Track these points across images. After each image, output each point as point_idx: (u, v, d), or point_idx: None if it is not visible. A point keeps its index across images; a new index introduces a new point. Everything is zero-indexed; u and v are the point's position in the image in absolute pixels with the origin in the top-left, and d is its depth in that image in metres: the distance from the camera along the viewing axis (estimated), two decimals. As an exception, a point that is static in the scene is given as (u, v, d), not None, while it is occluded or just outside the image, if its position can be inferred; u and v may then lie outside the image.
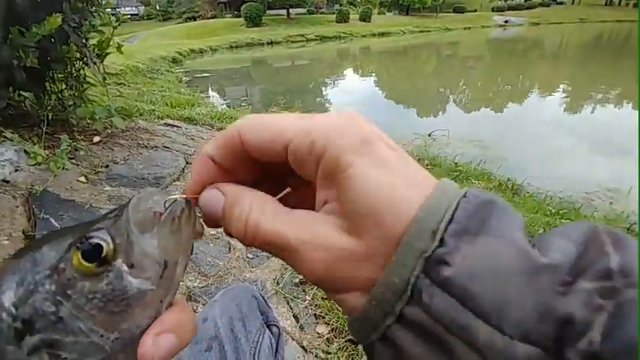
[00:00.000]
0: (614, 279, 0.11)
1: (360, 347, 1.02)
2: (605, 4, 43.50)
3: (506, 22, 30.51)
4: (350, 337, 1.05)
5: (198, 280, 1.16)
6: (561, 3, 41.87)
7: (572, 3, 44.87)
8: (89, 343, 0.15)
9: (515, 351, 0.11)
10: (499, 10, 37.49)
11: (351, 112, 0.16)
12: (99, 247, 0.16)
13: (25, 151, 1.30)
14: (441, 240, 0.13)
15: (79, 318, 0.15)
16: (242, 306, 0.63)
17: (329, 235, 0.15)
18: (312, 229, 0.15)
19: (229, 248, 1.36)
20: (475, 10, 39.13)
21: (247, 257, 1.35)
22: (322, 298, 1.20)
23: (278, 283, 1.25)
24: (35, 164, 1.28)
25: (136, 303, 0.16)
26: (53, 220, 1.09)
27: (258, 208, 0.16)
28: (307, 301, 1.19)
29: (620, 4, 43.56)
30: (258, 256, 1.37)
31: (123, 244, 0.16)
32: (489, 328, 0.11)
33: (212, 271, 1.21)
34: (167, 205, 0.17)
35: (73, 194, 1.25)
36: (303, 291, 1.24)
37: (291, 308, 1.16)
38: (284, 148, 0.16)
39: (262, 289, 1.21)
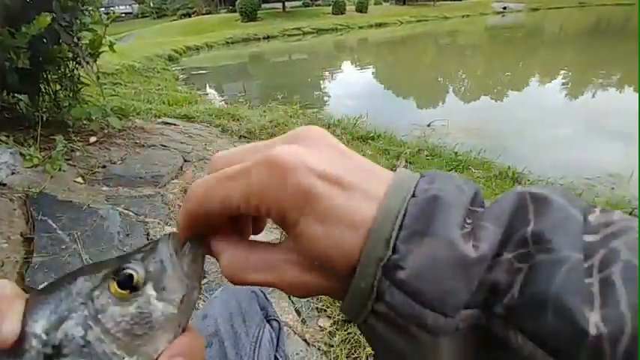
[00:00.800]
0: (528, 246, 0.14)
1: (362, 340, 1.02)
2: (605, -13, 42.80)
3: (504, 8, 30.10)
4: (352, 329, 1.05)
5: (199, 278, 1.16)
6: (560, -13, 41.20)
7: (572, -13, 44.18)
8: None
9: (454, 322, 0.14)
10: (497, -4, 36.94)
11: (288, 153, 0.17)
12: (131, 276, 0.18)
13: (20, 153, 1.29)
14: (394, 247, 0.15)
15: (104, 342, 0.17)
16: (241, 302, 0.63)
17: (295, 276, 0.18)
18: (280, 274, 0.18)
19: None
20: (473, -2, 38.58)
21: (248, 253, 1.35)
22: (324, 292, 1.20)
23: (279, 278, 1.25)
24: (31, 166, 1.28)
25: (159, 326, 0.18)
26: (51, 222, 1.09)
27: (231, 266, 0.19)
28: (309, 295, 1.19)
29: (620, -14, 42.86)
30: (258, 251, 1.37)
31: (153, 271, 0.18)
32: (435, 314, 0.14)
33: (213, 268, 1.21)
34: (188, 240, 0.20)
35: (70, 195, 1.25)
36: (305, 285, 1.24)
37: (292, 302, 1.16)
38: (238, 210, 0.18)
39: (263, 285, 1.21)
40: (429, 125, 3.58)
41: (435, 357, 0.15)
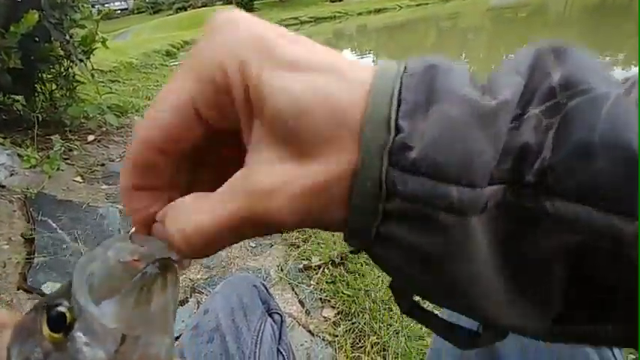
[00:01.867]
0: (557, 95, 0.12)
1: (366, 329, 1.02)
2: (612, -39, 41.45)
3: (506, -12, 29.30)
4: (356, 319, 1.05)
5: (201, 273, 1.16)
6: (564, -37, 39.97)
7: (576, -38, 42.84)
8: None
9: (482, 195, 0.11)
10: (499, -24, 35.96)
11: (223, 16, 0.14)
12: (62, 315, 0.14)
13: (18, 154, 1.29)
14: (397, 127, 0.12)
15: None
16: (243, 296, 0.63)
17: (272, 177, 0.13)
18: (250, 186, 0.13)
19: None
20: (474, -22, 37.58)
21: (250, 246, 1.34)
22: (327, 282, 1.20)
23: (282, 270, 1.25)
24: (29, 167, 1.28)
25: None
26: (51, 222, 1.09)
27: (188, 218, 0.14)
28: (312, 286, 1.19)
29: (627, -41, 41.48)
30: (260, 244, 1.36)
31: (79, 311, 0.14)
32: (460, 188, 0.11)
33: (215, 262, 1.21)
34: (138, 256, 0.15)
35: (69, 195, 1.25)
36: (308, 276, 1.23)
37: (296, 294, 1.16)
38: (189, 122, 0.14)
39: (266, 277, 1.21)
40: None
41: (467, 249, 0.12)
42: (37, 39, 1.50)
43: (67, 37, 1.57)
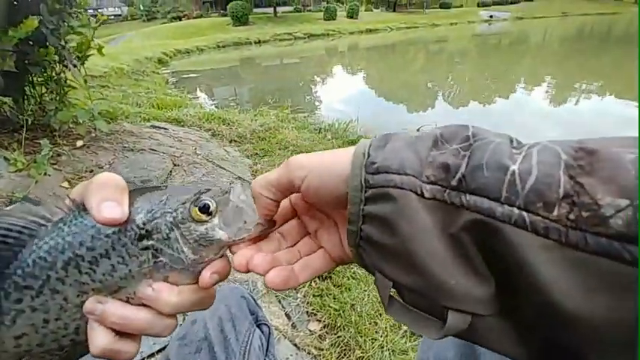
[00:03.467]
0: (469, 140, 0.22)
1: (352, 343, 1.02)
2: (587, -2, 44.42)
3: (491, 17, 30.91)
4: (341, 333, 1.06)
5: (188, 283, 1.15)
6: (544, -3, 42.55)
7: (555, -3, 45.69)
8: (177, 257, 0.25)
9: (413, 181, 0.21)
10: (484, 5, 37.96)
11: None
12: (208, 205, 0.26)
13: (5, 158, 1.26)
14: (368, 154, 0.23)
15: (179, 242, 0.25)
16: (231, 306, 0.63)
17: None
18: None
19: (219, 249, 1.35)
20: (461, 6, 39.55)
21: (238, 258, 1.34)
22: (314, 295, 1.20)
23: (269, 283, 1.25)
24: (16, 171, 1.25)
25: (216, 245, 0.26)
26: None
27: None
28: (299, 299, 1.19)
29: (600, -3, 44.55)
30: (248, 256, 1.36)
31: (223, 210, 0.26)
32: (400, 176, 0.21)
33: (202, 273, 1.20)
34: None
35: (56, 200, 1.22)
36: (295, 289, 1.24)
37: (282, 307, 1.16)
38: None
39: (253, 289, 1.21)
40: (418, 130, 3.63)
41: (408, 214, 0.21)
42: (31, 43, 1.49)
43: (63, 43, 1.58)
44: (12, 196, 1.17)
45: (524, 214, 0.18)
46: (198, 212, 0.25)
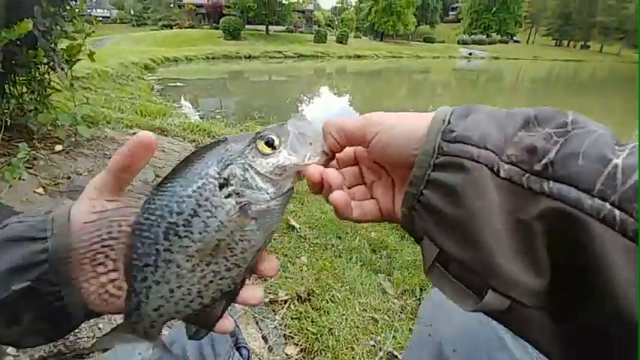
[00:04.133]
0: (567, 126, 0.21)
1: (328, 368, 1.02)
2: (555, 45, 48.63)
3: (470, 54, 33.05)
4: (318, 358, 1.05)
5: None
6: (517, 41, 46.21)
7: (527, 42, 49.70)
8: (259, 194, 0.27)
9: (492, 157, 0.21)
10: (464, 43, 40.63)
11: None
12: (272, 139, 0.28)
13: (-24, 158, 1.20)
14: (449, 122, 0.23)
15: (255, 179, 0.27)
16: None
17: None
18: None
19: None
20: (443, 42, 42.11)
21: (216, 276, 1.31)
22: (292, 318, 1.19)
23: (247, 303, 1.23)
24: (-13, 173, 1.19)
25: (289, 171, 0.28)
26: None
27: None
28: (277, 321, 1.18)
29: (568, 45, 48.91)
30: (227, 274, 1.34)
31: (286, 140, 0.29)
32: (480, 149, 0.21)
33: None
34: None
35: (28, 207, 1.17)
36: (273, 311, 1.22)
37: (260, 329, 1.15)
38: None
39: (231, 310, 1.18)
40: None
41: (481, 188, 0.21)
42: (19, 43, 1.46)
43: (53, 46, 1.55)
44: (-19, 200, 1.10)
45: (616, 211, 0.17)
46: (265, 146, 0.28)
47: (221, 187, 0.27)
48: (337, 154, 0.32)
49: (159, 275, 0.27)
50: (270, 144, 0.28)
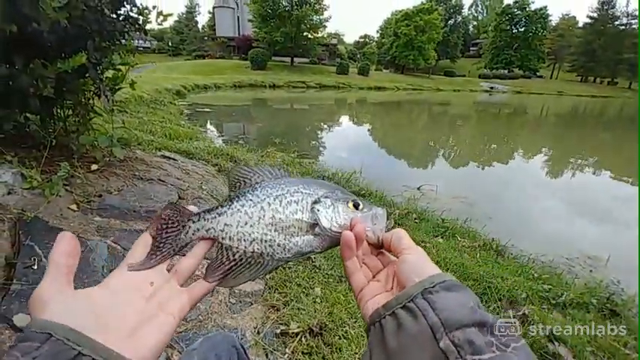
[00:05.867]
0: (509, 347, 0.28)
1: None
2: (581, 81, 48.01)
3: (492, 88, 33.14)
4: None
5: (177, 324, 1.12)
6: (541, 77, 46.04)
7: (551, 77, 49.37)
8: (327, 221, 0.41)
9: (445, 335, 0.28)
10: (485, 77, 40.89)
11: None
12: (359, 204, 0.42)
13: (22, 174, 1.30)
14: (433, 285, 0.32)
15: (333, 211, 0.41)
16: (221, 357, 0.62)
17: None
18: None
19: (212, 291, 1.32)
20: (464, 75, 42.59)
21: (230, 302, 1.31)
22: (303, 353, 1.16)
23: (259, 333, 1.21)
24: (29, 188, 1.28)
25: (345, 226, 0.41)
26: (38, 248, 1.07)
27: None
28: (287, 355, 1.14)
29: (595, 81, 48.17)
30: (241, 301, 1.33)
31: (365, 211, 0.42)
32: (435, 318, 0.29)
33: (192, 314, 1.17)
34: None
35: (62, 222, 1.24)
36: (284, 343, 1.20)
37: (269, 361, 1.12)
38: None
39: (242, 338, 1.17)
40: (418, 189, 3.72)
41: (420, 340, 0.29)
42: (70, 71, 1.62)
43: (101, 76, 1.71)
44: (22, 213, 1.18)
45: None
46: (352, 205, 0.42)
47: (315, 202, 0.41)
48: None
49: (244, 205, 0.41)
50: (356, 205, 0.42)
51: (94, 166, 1.74)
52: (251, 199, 0.41)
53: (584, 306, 1.71)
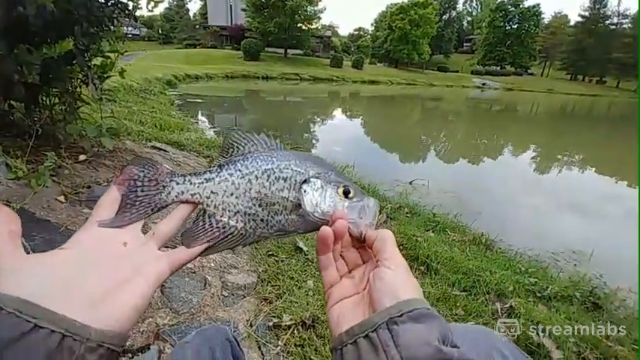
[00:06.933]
0: None
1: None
2: (570, 79, 48.78)
3: (484, 84, 33.40)
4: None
5: (168, 317, 1.11)
6: (532, 74, 46.59)
7: (542, 75, 50.02)
8: (313, 206, 0.39)
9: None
10: (477, 73, 41.19)
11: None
12: (349, 191, 0.40)
13: (6, 164, 1.26)
14: (400, 315, 0.30)
15: (320, 196, 0.39)
16: (215, 350, 0.62)
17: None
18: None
19: (205, 284, 1.32)
20: (457, 71, 42.79)
21: (222, 295, 1.31)
22: (295, 345, 1.17)
23: (251, 326, 1.21)
24: (14, 178, 1.24)
25: (332, 215, 0.38)
26: (24, 240, 1.04)
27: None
28: (279, 347, 1.15)
29: (584, 79, 49.00)
30: (233, 294, 1.33)
31: (356, 200, 0.40)
32: (396, 352, 0.29)
33: (184, 307, 1.17)
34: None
35: (49, 214, 1.21)
36: (276, 335, 1.20)
37: (262, 354, 1.12)
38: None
39: (234, 331, 1.17)
40: (410, 183, 3.75)
41: None
42: (56, 58, 1.56)
43: (89, 63, 1.66)
44: (7, 205, 1.15)
45: None
46: (342, 192, 0.39)
47: (304, 181, 0.39)
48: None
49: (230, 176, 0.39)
50: (346, 192, 0.40)
51: (82, 157, 1.70)
52: (239, 170, 0.39)
53: (568, 299, 1.76)
